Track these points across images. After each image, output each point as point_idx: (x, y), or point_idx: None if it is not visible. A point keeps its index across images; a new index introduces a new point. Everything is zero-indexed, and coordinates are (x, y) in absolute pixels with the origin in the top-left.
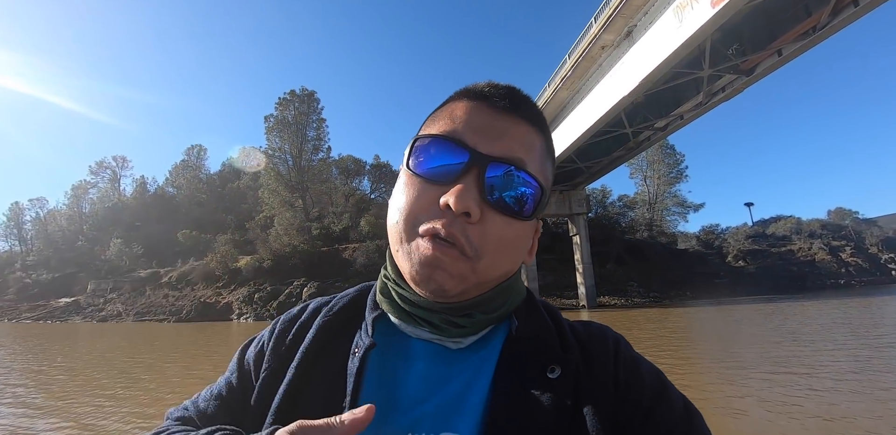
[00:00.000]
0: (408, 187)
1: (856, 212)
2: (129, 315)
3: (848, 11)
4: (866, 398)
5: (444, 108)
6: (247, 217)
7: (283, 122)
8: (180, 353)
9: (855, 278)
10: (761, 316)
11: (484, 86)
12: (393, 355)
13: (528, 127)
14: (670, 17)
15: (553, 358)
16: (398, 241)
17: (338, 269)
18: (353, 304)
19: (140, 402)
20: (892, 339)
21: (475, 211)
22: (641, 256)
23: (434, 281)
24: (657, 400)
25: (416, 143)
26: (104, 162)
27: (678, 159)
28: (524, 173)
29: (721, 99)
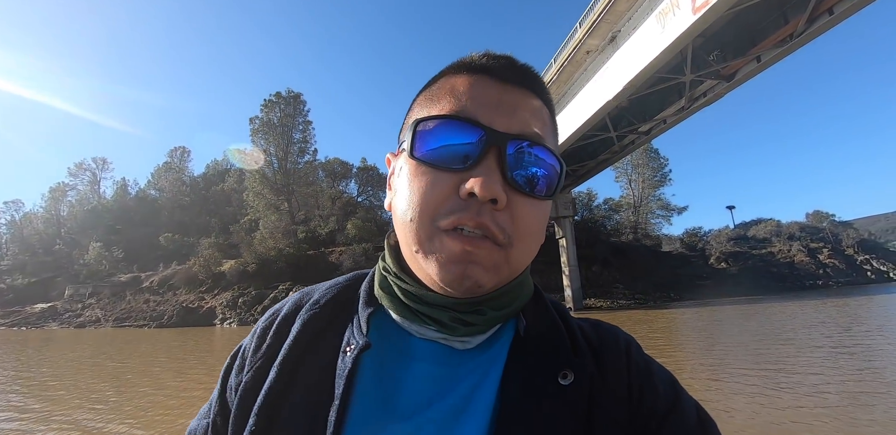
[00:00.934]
0: (416, 178)
1: (833, 214)
2: (109, 321)
3: (823, 19)
4: (840, 398)
5: (439, 84)
6: (231, 220)
7: (268, 124)
8: (169, 357)
9: (832, 279)
10: (743, 316)
11: (482, 57)
12: (391, 355)
13: (538, 100)
14: (653, 22)
15: (565, 362)
16: (416, 241)
17: (324, 272)
18: (343, 295)
19: (138, 406)
20: (864, 339)
21: (502, 197)
22: (627, 259)
23: (469, 278)
24: (671, 408)
25: (418, 126)
26: (83, 163)
27: (662, 163)
28: (543, 150)
29: (703, 103)
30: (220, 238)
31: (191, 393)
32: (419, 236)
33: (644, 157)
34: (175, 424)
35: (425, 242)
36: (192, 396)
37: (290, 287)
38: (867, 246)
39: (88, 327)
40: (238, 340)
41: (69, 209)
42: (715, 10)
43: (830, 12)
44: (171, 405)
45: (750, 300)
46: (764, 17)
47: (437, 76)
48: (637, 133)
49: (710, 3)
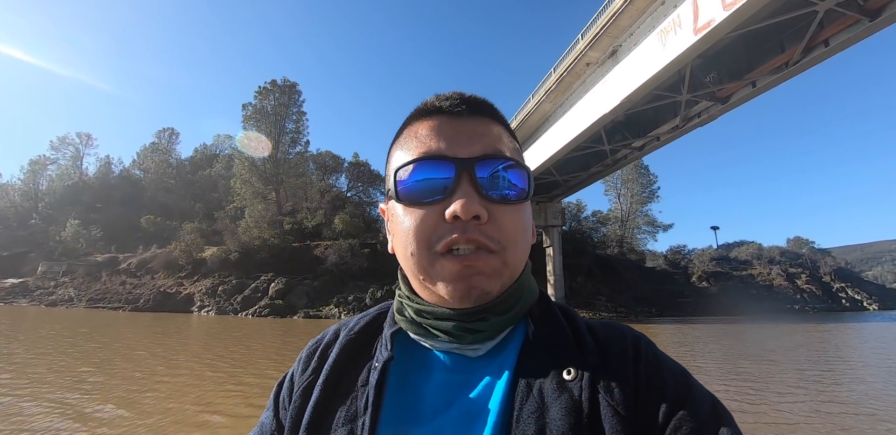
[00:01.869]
0: (407, 216)
1: (812, 241)
2: (82, 301)
3: (819, 50)
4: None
5: (405, 134)
6: (216, 207)
7: (261, 111)
8: (152, 341)
9: (809, 305)
10: (722, 335)
11: (433, 101)
12: (413, 368)
13: (489, 121)
14: (654, 40)
15: (569, 360)
16: (420, 270)
17: (308, 265)
18: (374, 322)
19: (127, 389)
20: (838, 365)
21: (483, 212)
22: (611, 271)
23: (475, 287)
24: (682, 400)
25: (397, 174)
26: (67, 138)
27: (651, 180)
28: (507, 160)
29: (696, 124)
30: (203, 224)
31: (176, 379)
32: (422, 265)
33: (634, 173)
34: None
35: (428, 269)
36: (179, 381)
37: (273, 278)
38: (843, 274)
39: (60, 306)
40: (217, 327)
41: (48, 184)
42: (716, 32)
43: (826, 44)
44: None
45: (728, 320)
46: (762, 44)
47: (401, 127)
48: (630, 148)
49: (711, 24)
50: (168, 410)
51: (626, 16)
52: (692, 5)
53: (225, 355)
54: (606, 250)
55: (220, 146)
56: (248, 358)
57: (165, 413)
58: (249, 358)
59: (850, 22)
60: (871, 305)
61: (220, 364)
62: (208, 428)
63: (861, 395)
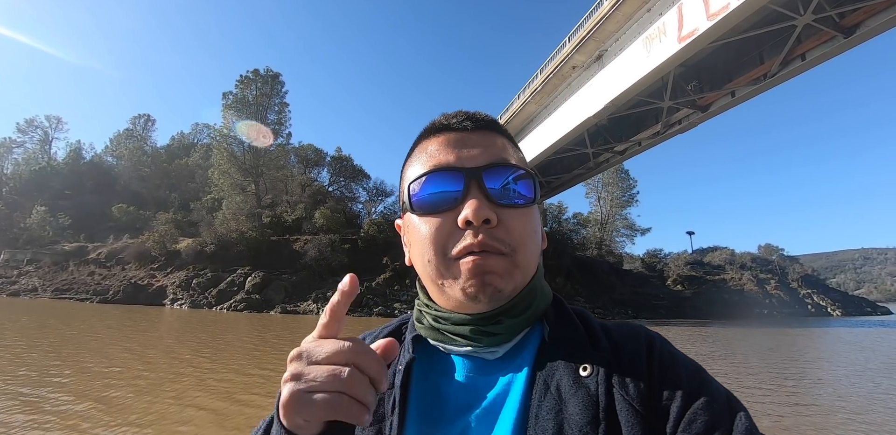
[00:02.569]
0: (422, 226)
1: (782, 249)
2: (47, 291)
3: (796, 63)
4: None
5: (415, 152)
6: (193, 197)
7: (242, 101)
8: (124, 336)
9: (777, 310)
10: (696, 338)
11: (441, 119)
12: (434, 371)
13: (494, 134)
14: (639, 46)
15: (584, 357)
16: (437, 275)
17: (286, 260)
18: (396, 332)
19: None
20: (798, 364)
21: (492, 216)
22: (590, 273)
23: (489, 285)
24: (696, 393)
25: (410, 187)
26: (35, 120)
27: (631, 184)
28: (512, 167)
29: (677, 131)
30: (178, 214)
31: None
32: (439, 270)
33: (615, 177)
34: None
35: (445, 273)
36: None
37: (249, 272)
38: (810, 281)
39: (23, 296)
40: (191, 321)
41: (14, 168)
42: (699, 41)
43: (803, 58)
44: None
45: (701, 323)
46: (742, 55)
47: (412, 146)
48: (612, 152)
49: (695, 33)
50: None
51: (613, 21)
52: (677, 14)
53: (201, 350)
54: (586, 252)
55: (199, 135)
56: (226, 354)
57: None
58: (228, 354)
59: (826, 38)
60: (834, 310)
61: (199, 359)
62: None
63: (831, 395)
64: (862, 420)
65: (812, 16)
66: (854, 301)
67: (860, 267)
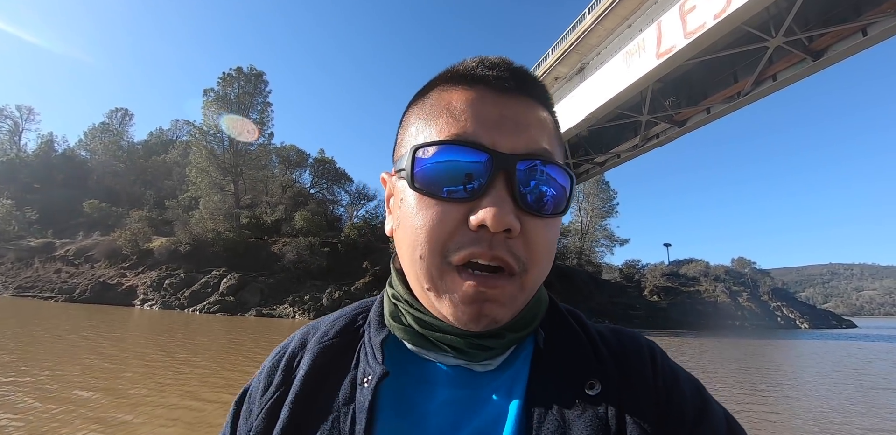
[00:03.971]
0: (421, 211)
1: (754, 262)
2: (9, 288)
3: (767, 84)
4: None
5: (432, 99)
6: (169, 195)
7: (224, 99)
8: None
9: (748, 321)
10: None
11: (475, 65)
12: (410, 383)
13: (541, 108)
14: (620, 60)
15: (590, 372)
16: (427, 279)
17: (264, 262)
18: (352, 325)
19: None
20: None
21: (516, 226)
22: (569, 282)
23: (485, 316)
24: (700, 416)
25: (416, 153)
26: (5, 110)
27: (611, 195)
28: (553, 166)
29: (654, 144)
30: (153, 212)
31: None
32: (430, 274)
33: (595, 188)
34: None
35: (437, 281)
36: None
37: (225, 274)
38: (780, 294)
39: None
40: (161, 322)
41: None
42: (677, 58)
43: (774, 78)
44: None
45: (676, 333)
46: (718, 73)
47: (428, 87)
48: (592, 163)
49: (673, 50)
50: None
51: (595, 35)
52: (656, 31)
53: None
54: (565, 261)
55: (178, 132)
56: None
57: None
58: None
59: (796, 60)
60: (802, 323)
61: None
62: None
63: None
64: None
65: (783, 38)
66: (821, 314)
67: (828, 281)
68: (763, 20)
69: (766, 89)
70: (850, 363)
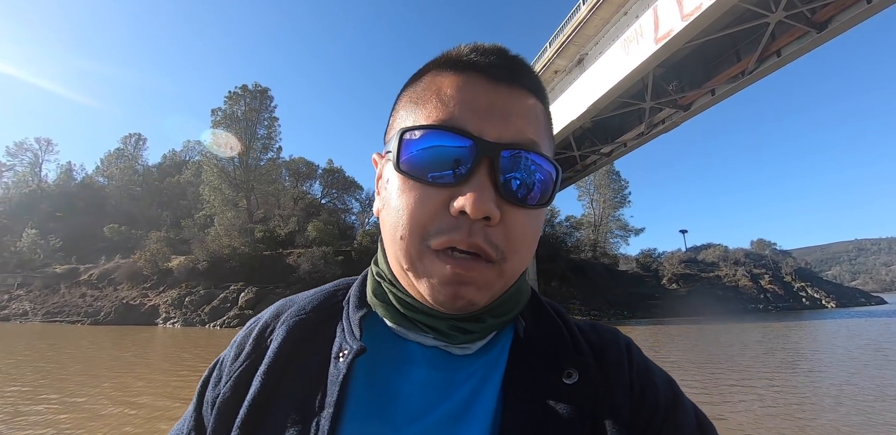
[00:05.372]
0: (405, 193)
1: (774, 243)
2: (38, 315)
3: (772, 60)
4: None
5: (424, 83)
6: (185, 214)
7: (231, 117)
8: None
9: (772, 304)
10: (691, 334)
11: (469, 51)
12: (385, 361)
13: (531, 98)
14: (618, 49)
15: (568, 361)
16: (406, 259)
17: (280, 274)
18: (330, 300)
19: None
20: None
21: (495, 214)
22: (585, 276)
23: (461, 298)
24: (672, 407)
25: (404, 136)
26: (25, 143)
27: (623, 185)
28: (538, 156)
29: (661, 130)
30: (170, 232)
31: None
32: (409, 255)
33: (606, 179)
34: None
35: (416, 262)
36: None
37: (243, 288)
38: (803, 274)
39: (13, 320)
40: (183, 340)
41: (4, 191)
42: (676, 41)
43: (778, 54)
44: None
45: (697, 321)
46: (719, 54)
47: (422, 71)
48: (599, 154)
49: (671, 34)
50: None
51: (591, 25)
52: (653, 16)
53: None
54: (580, 255)
55: (190, 152)
56: None
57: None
58: None
59: (800, 33)
60: (828, 302)
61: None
62: None
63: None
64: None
65: (784, 12)
66: (848, 292)
67: (854, 258)
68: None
69: (771, 66)
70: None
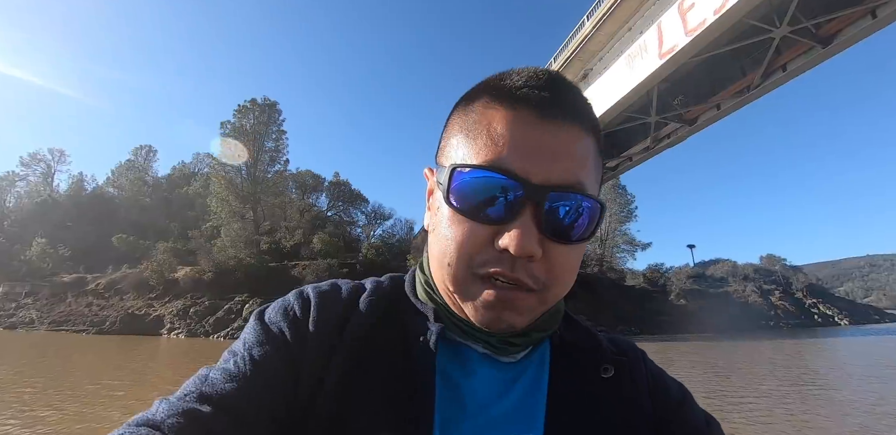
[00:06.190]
0: (453, 225)
1: (784, 259)
2: (44, 323)
3: (777, 75)
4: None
5: (475, 114)
6: (192, 225)
7: (240, 130)
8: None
9: (783, 321)
10: (703, 351)
11: (521, 84)
12: (448, 356)
13: (581, 133)
14: (622, 64)
15: (604, 359)
16: (453, 283)
17: (285, 286)
18: (392, 291)
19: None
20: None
21: (538, 252)
22: (592, 291)
23: (503, 321)
24: (682, 406)
25: (454, 172)
26: (38, 154)
27: (629, 199)
28: (582, 196)
29: (666, 145)
30: (178, 243)
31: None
32: (456, 280)
33: (612, 193)
34: None
35: (461, 287)
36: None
37: (247, 299)
38: (815, 290)
39: (20, 329)
40: (187, 350)
41: (16, 201)
42: (680, 57)
43: (784, 69)
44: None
45: (708, 338)
46: (724, 69)
47: (474, 95)
48: (605, 168)
49: (675, 49)
50: None
51: (596, 41)
52: (657, 31)
53: None
54: (586, 269)
55: (199, 164)
56: None
57: None
58: None
59: (805, 48)
60: (841, 320)
61: None
62: None
63: None
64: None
65: (788, 28)
66: (861, 309)
67: (867, 274)
68: (765, 11)
69: (777, 81)
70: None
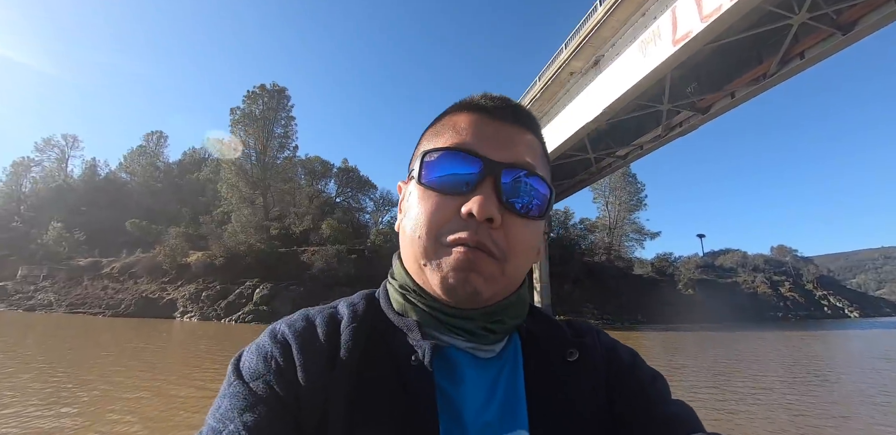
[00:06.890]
0: (423, 201)
1: (795, 250)
2: (62, 306)
3: (795, 62)
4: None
5: (443, 121)
6: (203, 211)
7: (249, 116)
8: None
9: (792, 312)
10: (707, 343)
11: (480, 98)
12: (441, 371)
13: (530, 134)
14: (635, 50)
15: (568, 344)
16: (423, 255)
17: (294, 271)
18: (368, 311)
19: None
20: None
21: (497, 216)
22: (598, 279)
23: (469, 283)
24: (633, 368)
25: (425, 157)
26: (52, 139)
27: (639, 188)
28: (535, 177)
29: (678, 133)
30: (189, 228)
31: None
32: (426, 250)
33: (622, 181)
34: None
35: (431, 256)
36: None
37: (258, 284)
38: (826, 282)
39: (39, 311)
40: (199, 333)
41: (32, 186)
42: (694, 43)
43: (802, 56)
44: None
45: (714, 328)
46: (740, 56)
47: (442, 114)
48: (614, 157)
49: (690, 35)
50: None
51: (608, 27)
52: (671, 17)
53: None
54: (594, 258)
55: (210, 150)
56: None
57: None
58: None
59: (824, 35)
60: (851, 312)
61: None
62: None
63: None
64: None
65: (807, 14)
66: (873, 302)
67: (881, 266)
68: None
69: (794, 68)
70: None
